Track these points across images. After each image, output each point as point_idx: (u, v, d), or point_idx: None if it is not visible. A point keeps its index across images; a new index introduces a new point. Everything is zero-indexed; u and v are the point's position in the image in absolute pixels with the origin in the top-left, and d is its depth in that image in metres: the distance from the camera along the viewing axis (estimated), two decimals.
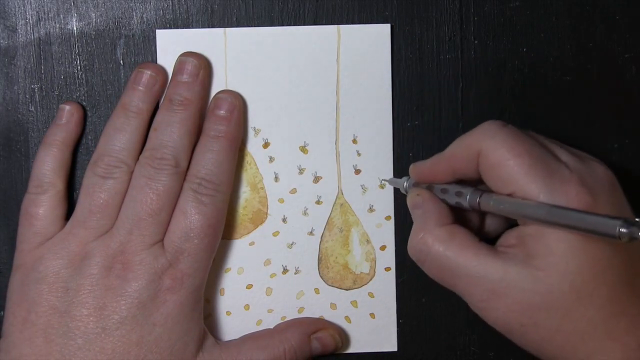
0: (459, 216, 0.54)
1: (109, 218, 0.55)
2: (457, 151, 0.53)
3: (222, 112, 0.56)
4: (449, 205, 0.54)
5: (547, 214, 0.47)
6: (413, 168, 0.56)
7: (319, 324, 0.59)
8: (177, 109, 0.56)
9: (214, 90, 0.58)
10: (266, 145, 0.59)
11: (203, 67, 0.57)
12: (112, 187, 0.55)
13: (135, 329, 0.53)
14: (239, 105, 0.57)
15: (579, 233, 0.48)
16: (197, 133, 0.56)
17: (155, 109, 0.57)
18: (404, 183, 0.57)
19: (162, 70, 0.57)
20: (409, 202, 0.55)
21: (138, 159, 0.56)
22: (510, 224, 0.54)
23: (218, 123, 0.56)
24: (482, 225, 0.57)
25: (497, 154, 0.50)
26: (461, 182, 0.54)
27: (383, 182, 0.60)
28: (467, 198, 0.52)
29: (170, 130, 0.55)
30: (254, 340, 0.57)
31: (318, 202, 0.60)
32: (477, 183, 0.53)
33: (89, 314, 0.53)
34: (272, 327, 0.59)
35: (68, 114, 0.57)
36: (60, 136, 0.57)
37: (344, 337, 0.60)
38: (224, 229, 0.58)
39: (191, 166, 0.56)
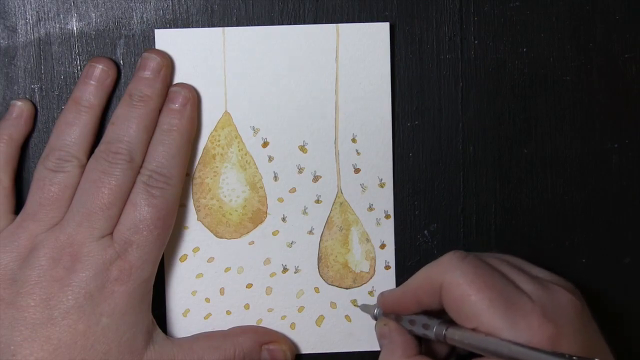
0: (427, 344, 0.56)
1: (58, 211, 0.55)
2: (420, 284, 0.54)
3: (175, 105, 0.57)
4: (417, 335, 0.55)
5: (509, 352, 0.49)
6: (381, 298, 0.57)
7: (273, 336, 0.59)
8: (136, 104, 0.56)
9: (214, 90, 0.58)
10: (265, 144, 0.59)
11: (165, 65, 0.57)
12: (62, 180, 0.55)
13: (82, 319, 0.53)
14: (192, 99, 0.57)
15: None
16: (154, 129, 0.57)
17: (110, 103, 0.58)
18: (374, 310, 0.58)
19: (115, 65, 0.57)
20: (377, 331, 0.57)
21: (89, 153, 0.56)
22: None
23: (171, 116, 0.56)
24: (451, 352, 0.57)
25: (458, 289, 0.51)
26: (428, 312, 0.55)
27: (357, 307, 0.60)
28: (434, 331, 0.53)
29: (127, 125, 0.55)
30: (206, 339, 0.58)
31: (317, 201, 0.60)
32: (444, 312, 0.54)
33: (35, 304, 0.53)
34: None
35: (18, 109, 0.57)
36: (8, 131, 0.57)
37: (294, 354, 0.60)
38: (224, 228, 0.58)
39: (144, 159, 0.56)
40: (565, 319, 0.50)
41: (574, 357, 0.47)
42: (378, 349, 0.60)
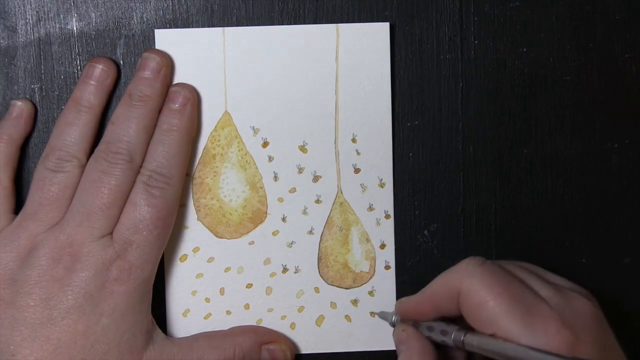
0: (445, 351, 0.56)
1: (58, 211, 0.55)
2: (438, 290, 0.54)
3: (175, 105, 0.57)
4: (435, 342, 0.55)
5: (528, 357, 0.48)
6: (399, 305, 0.57)
7: (273, 336, 0.59)
8: (136, 104, 0.56)
9: (214, 90, 0.58)
10: (265, 144, 0.59)
11: (165, 65, 0.57)
12: (62, 180, 0.55)
13: (82, 319, 0.53)
14: (192, 99, 0.57)
15: None
16: (154, 129, 0.57)
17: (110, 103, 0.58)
18: (392, 317, 0.58)
19: (115, 65, 0.57)
20: (395, 337, 0.56)
21: (89, 153, 0.56)
22: None
23: (171, 116, 0.56)
24: (467, 359, 0.57)
25: (476, 295, 0.51)
26: (446, 318, 0.55)
27: (374, 314, 0.61)
28: (452, 337, 0.53)
29: (127, 125, 0.55)
30: (206, 339, 0.58)
31: (317, 201, 0.60)
32: (462, 318, 0.54)
33: (35, 304, 0.53)
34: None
35: (18, 109, 0.57)
36: (8, 131, 0.57)
37: (294, 354, 0.60)
38: (224, 228, 0.58)
39: (144, 159, 0.56)
40: (583, 326, 0.50)
41: None
42: (378, 348, 0.61)
